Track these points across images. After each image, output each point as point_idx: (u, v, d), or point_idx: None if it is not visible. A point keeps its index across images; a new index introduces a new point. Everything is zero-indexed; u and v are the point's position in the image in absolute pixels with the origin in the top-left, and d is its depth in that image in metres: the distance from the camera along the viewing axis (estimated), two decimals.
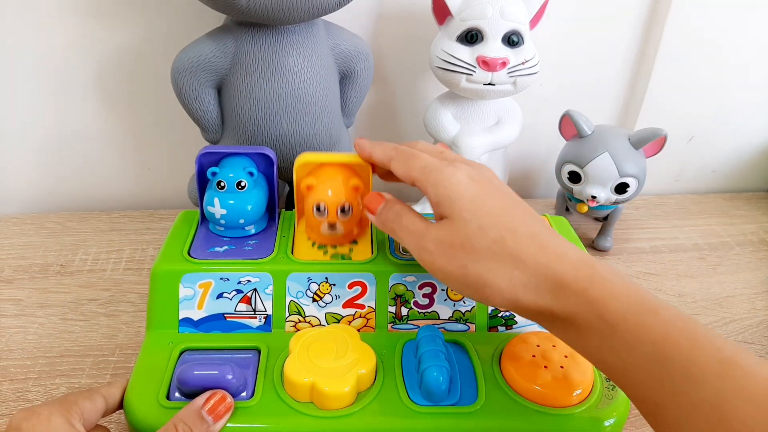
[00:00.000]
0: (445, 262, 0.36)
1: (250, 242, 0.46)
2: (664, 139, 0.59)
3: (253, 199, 0.46)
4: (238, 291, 0.43)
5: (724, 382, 0.28)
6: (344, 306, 0.44)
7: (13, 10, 0.59)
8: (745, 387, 0.28)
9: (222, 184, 0.45)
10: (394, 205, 0.40)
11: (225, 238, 0.47)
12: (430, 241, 0.37)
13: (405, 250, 0.46)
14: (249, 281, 0.43)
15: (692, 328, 0.31)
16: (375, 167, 0.45)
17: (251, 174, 0.46)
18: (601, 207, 0.63)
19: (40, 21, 0.59)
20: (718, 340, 0.30)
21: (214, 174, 0.45)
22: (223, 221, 0.46)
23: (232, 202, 0.45)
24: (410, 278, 0.44)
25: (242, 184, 0.45)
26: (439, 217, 0.37)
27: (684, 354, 0.30)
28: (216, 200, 0.45)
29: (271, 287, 0.43)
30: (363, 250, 0.46)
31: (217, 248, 0.45)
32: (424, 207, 0.65)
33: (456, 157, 0.41)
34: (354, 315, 0.44)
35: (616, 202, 0.61)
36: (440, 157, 0.40)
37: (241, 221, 0.46)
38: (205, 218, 0.47)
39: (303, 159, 0.45)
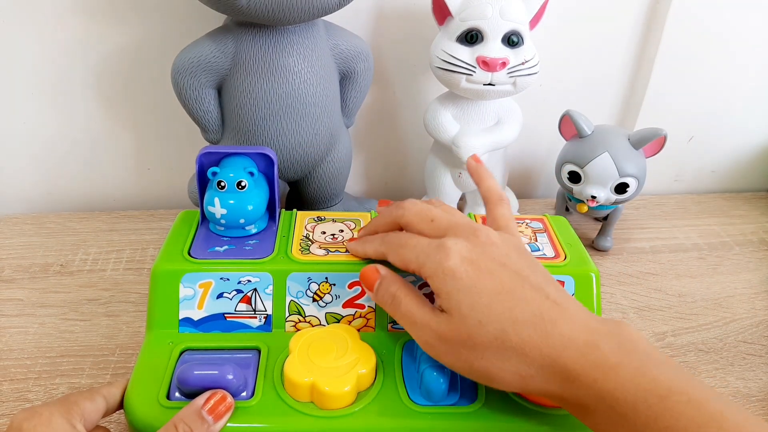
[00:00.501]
0: (449, 357, 0.36)
1: (250, 242, 0.46)
2: (664, 139, 0.59)
3: (254, 199, 0.46)
4: (238, 291, 0.43)
5: None
6: (344, 306, 0.44)
7: (14, 11, 0.59)
8: None
9: (222, 183, 0.45)
10: (390, 285, 0.39)
11: (225, 238, 0.47)
12: (432, 337, 0.36)
13: None
14: (249, 281, 0.43)
15: (702, 414, 0.30)
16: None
17: (251, 174, 0.46)
18: (601, 207, 0.63)
19: (40, 21, 0.59)
20: (728, 424, 0.29)
21: (214, 174, 0.45)
22: (223, 221, 0.46)
23: (232, 201, 0.45)
24: (410, 278, 0.44)
25: (242, 184, 0.45)
26: (440, 308, 0.36)
27: None
28: (216, 200, 0.45)
29: (271, 287, 0.44)
30: None
31: (217, 248, 0.45)
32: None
33: (449, 223, 0.40)
34: (354, 315, 0.44)
35: (615, 202, 0.61)
36: (430, 229, 0.40)
37: (242, 221, 0.46)
38: (205, 218, 0.48)
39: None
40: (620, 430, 0.31)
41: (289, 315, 0.44)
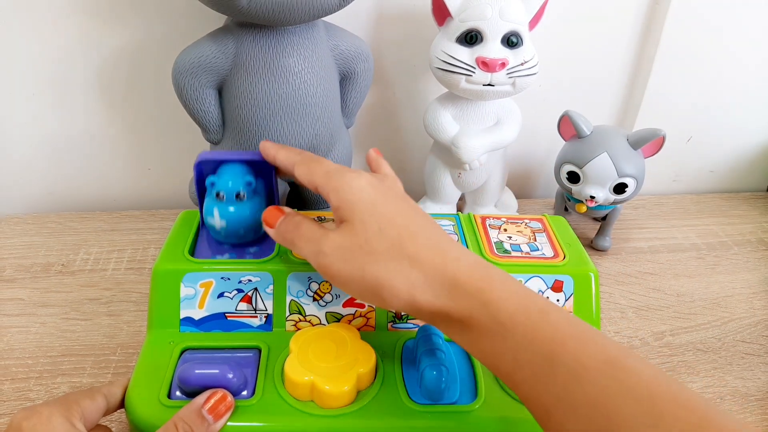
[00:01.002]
0: (343, 264, 0.36)
1: (251, 250, 0.46)
2: (663, 140, 0.59)
3: (253, 209, 0.45)
4: (239, 290, 0.44)
5: (609, 382, 0.29)
6: (344, 305, 0.44)
7: (14, 11, 0.59)
8: (630, 387, 0.29)
9: (221, 194, 0.44)
10: (294, 216, 0.40)
11: (226, 245, 0.47)
12: (328, 246, 0.37)
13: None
14: (250, 281, 0.44)
15: (580, 330, 0.31)
16: (279, 170, 0.45)
17: (249, 184, 0.45)
18: (600, 207, 0.63)
19: (40, 21, 0.60)
20: (603, 339, 0.31)
21: (212, 184, 0.44)
22: (223, 233, 0.45)
23: (232, 209, 0.44)
24: None
25: (241, 195, 0.44)
26: (339, 221, 0.37)
27: (570, 354, 0.30)
28: (215, 211, 0.44)
29: (271, 287, 0.44)
30: None
31: (218, 257, 0.45)
32: (424, 207, 0.66)
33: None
34: (354, 314, 0.44)
35: (614, 202, 0.62)
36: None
37: (242, 232, 0.46)
38: None
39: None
40: (498, 343, 0.33)
41: (290, 314, 0.44)
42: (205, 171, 0.46)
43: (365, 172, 0.39)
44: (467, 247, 0.48)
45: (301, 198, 0.64)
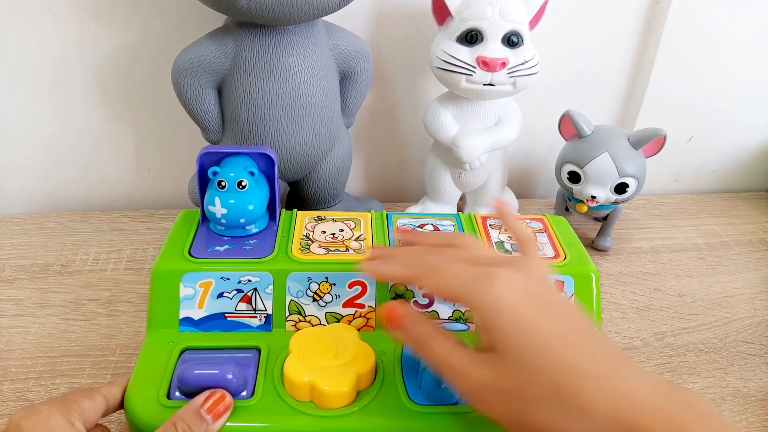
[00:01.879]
0: (499, 409, 0.32)
1: (250, 242, 0.46)
2: (664, 139, 0.59)
3: (254, 199, 0.46)
4: (239, 290, 0.43)
5: None
6: (344, 305, 0.44)
7: (13, 10, 0.59)
8: None
9: (223, 183, 0.45)
10: (419, 323, 0.36)
11: (225, 238, 0.47)
12: (475, 387, 0.32)
13: None
14: (249, 281, 0.43)
15: None
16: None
17: (252, 174, 0.46)
18: (601, 207, 0.63)
19: (40, 21, 0.59)
20: None
21: (215, 174, 0.46)
22: (223, 221, 0.46)
23: (232, 201, 0.45)
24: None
25: (243, 183, 0.45)
26: (489, 345, 0.33)
27: None
28: (217, 200, 0.45)
29: (271, 287, 0.44)
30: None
31: (217, 247, 0.45)
32: (424, 207, 0.66)
33: (493, 257, 0.37)
34: (354, 314, 0.44)
35: (615, 202, 0.61)
36: (476, 260, 0.36)
37: (242, 221, 0.46)
38: (205, 218, 0.48)
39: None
40: None
41: (289, 314, 0.44)
42: (207, 164, 0.46)
43: (508, 273, 0.33)
44: None
45: (302, 198, 0.64)
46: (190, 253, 0.45)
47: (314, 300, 0.44)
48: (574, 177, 0.61)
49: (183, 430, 0.34)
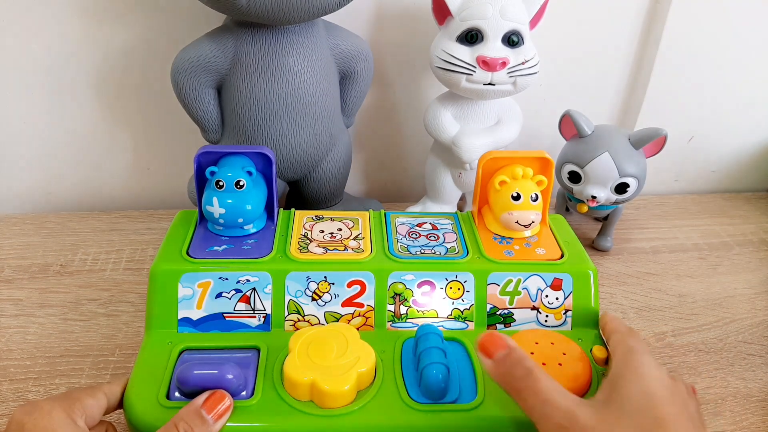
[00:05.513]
0: None
1: (248, 242, 0.46)
2: (664, 139, 0.59)
3: (252, 199, 0.46)
4: (237, 290, 0.43)
5: None
6: (343, 305, 0.44)
7: (14, 10, 0.59)
8: None
9: (221, 183, 0.45)
10: (525, 358, 0.35)
11: (223, 237, 0.47)
12: (571, 422, 0.32)
13: None
14: (248, 280, 0.43)
15: None
16: None
17: (250, 173, 0.46)
18: (601, 207, 0.63)
19: (40, 21, 0.59)
20: None
21: (212, 173, 0.45)
22: (221, 220, 0.46)
23: (230, 201, 0.45)
24: (409, 276, 0.44)
25: (241, 183, 0.45)
26: (609, 388, 0.34)
27: None
28: (215, 199, 0.45)
29: (270, 286, 0.43)
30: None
31: (215, 247, 0.45)
32: (424, 207, 0.66)
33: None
34: (353, 314, 0.44)
35: (616, 202, 0.61)
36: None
37: (240, 220, 0.46)
38: (203, 218, 0.47)
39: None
40: None
41: (288, 314, 0.44)
42: (204, 164, 0.46)
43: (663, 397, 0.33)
44: (466, 245, 0.47)
45: (301, 198, 0.63)
46: (188, 254, 0.44)
47: (313, 299, 0.44)
48: (575, 177, 0.61)
49: (184, 431, 0.34)
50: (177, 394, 0.38)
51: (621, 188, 0.59)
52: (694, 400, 0.36)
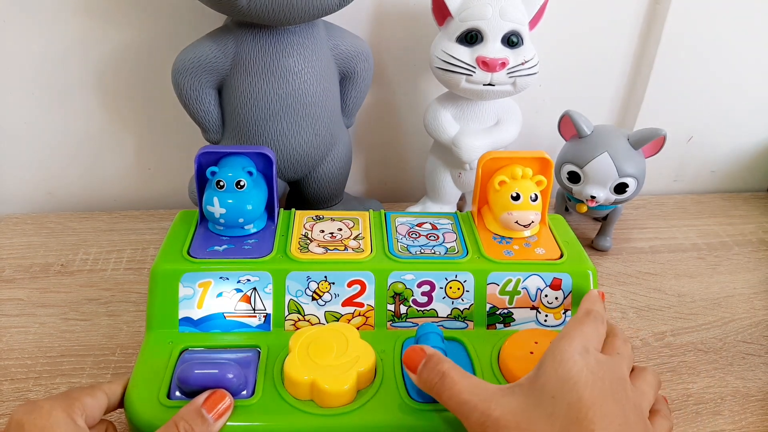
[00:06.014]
0: None
1: (249, 241, 0.46)
2: (664, 139, 0.59)
3: (253, 199, 0.46)
4: (238, 290, 0.43)
5: None
6: (343, 304, 0.44)
7: (14, 10, 0.59)
8: None
9: (221, 183, 0.45)
10: (440, 362, 0.35)
11: (224, 237, 0.47)
12: (489, 420, 0.32)
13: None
14: (248, 280, 0.43)
15: None
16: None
17: (250, 173, 0.46)
18: (601, 207, 0.63)
19: (40, 21, 0.60)
20: None
21: (213, 173, 0.46)
22: (222, 220, 0.46)
23: (231, 201, 0.45)
24: (409, 276, 0.45)
25: (241, 183, 0.45)
26: (531, 375, 0.34)
27: None
28: (215, 199, 0.45)
29: (270, 286, 0.44)
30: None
31: (216, 247, 0.45)
32: (424, 207, 0.66)
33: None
34: (353, 313, 0.44)
35: (615, 202, 0.61)
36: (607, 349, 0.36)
37: (241, 220, 0.46)
38: (204, 218, 0.48)
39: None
40: None
41: (289, 314, 0.44)
42: (205, 164, 0.46)
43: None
44: (466, 245, 0.48)
45: (302, 198, 0.64)
46: (188, 253, 0.45)
47: (313, 299, 0.44)
48: (574, 177, 0.61)
49: (185, 430, 0.34)
50: (178, 393, 0.38)
51: (620, 188, 0.60)
52: (633, 387, 0.35)
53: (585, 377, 0.32)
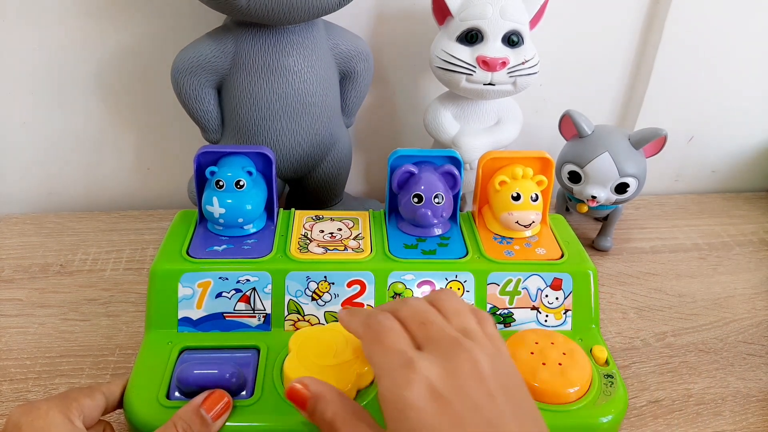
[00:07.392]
0: None
1: (248, 241, 0.46)
2: (664, 139, 0.59)
3: (252, 199, 0.46)
4: (237, 290, 0.43)
5: None
6: (343, 304, 0.44)
7: (14, 10, 0.59)
8: None
9: (221, 183, 0.45)
10: (326, 409, 0.32)
11: (223, 237, 0.47)
12: None
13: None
14: (248, 280, 0.43)
15: None
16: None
17: (250, 173, 0.46)
18: (601, 207, 0.63)
19: (40, 21, 0.59)
20: None
21: (212, 173, 0.45)
22: (221, 220, 0.46)
23: (230, 201, 0.45)
24: (409, 276, 0.44)
25: (241, 183, 0.45)
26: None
27: None
28: (215, 199, 0.45)
29: (270, 286, 0.44)
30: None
31: (215, 247, 0.45)
32: None
33: (436, 334, 0.31)
34: None
35: (616, 202, 0.61)
36: (417, 330, 0.32)
37: (240, 220, 0.46)
38: (203, 218, 0.48)
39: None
40: None
41: (288, 314, 0.44)
42: (204, 164, 0.46)
43: (431, 366, 0.29)
44: (466, 245, 0.47)
45: (302, 198, 0.64)
46: (188, 253, 0.45)
47: (313, 299, 0.44)
48: (575, 177, 0.61)
49: (183, 430, 0.34)
50: (177, 393, 0.38)
51: (621, 188, 0.59)
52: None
53: (426, 418, 0.28)
